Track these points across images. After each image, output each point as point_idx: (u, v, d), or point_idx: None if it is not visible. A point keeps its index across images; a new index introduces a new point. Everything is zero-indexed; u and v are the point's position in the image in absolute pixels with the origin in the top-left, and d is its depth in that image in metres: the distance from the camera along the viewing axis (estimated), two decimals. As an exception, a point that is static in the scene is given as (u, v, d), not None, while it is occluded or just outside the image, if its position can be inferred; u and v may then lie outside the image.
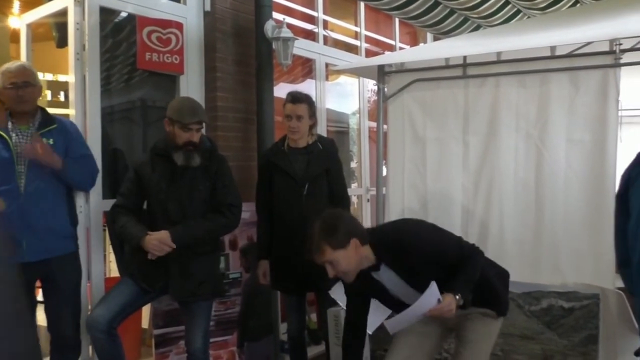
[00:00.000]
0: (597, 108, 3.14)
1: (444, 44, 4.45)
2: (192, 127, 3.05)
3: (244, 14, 4.46)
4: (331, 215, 2.57)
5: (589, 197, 3.13)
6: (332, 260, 2.45)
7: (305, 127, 3.37)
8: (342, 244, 2.45)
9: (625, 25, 3.04)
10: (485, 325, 2.64)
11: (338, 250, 2.44)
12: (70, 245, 3.19)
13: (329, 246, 2.44)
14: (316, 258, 2.48)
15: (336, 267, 2.47)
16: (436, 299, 2.36)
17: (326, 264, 2.47)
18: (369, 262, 2.53)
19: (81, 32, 3.60)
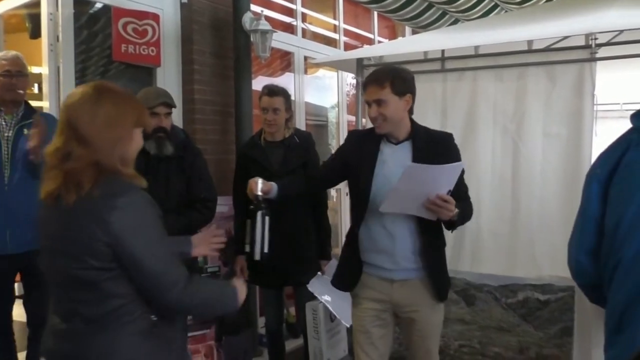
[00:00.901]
0: (573, 102, 3.17)
1: (422, 37, 4.45)
2: (158, 112, 2.99)
3: (222, 5, 4.42)
4: (401, 67, 2.61)
5: (565, 190, 3.16)
6: (383, 100, 2.43)
7: (281, 120, 3.35)
8: (401, 91, 2.46)
9: (600, 19, 3.07)
10: (437, 316, 2.61)
11: (394, 95, 2.44)
12: None
13: (390, 86, 2.44)
14: (372, 88, 2.46)
15: (381, 109, 2.44)
16: (449, 186, 2.29)
17: (373, 101, 2.45)
18: (405, 129, 2.53)
19: (55, 23, 3.54)
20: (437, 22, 6.34)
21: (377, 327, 2.58)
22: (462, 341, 3.34)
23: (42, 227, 1.78)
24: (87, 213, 1.63)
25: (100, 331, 1.69)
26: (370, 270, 2.57)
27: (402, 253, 2.49)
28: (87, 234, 1.63)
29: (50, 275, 1.78)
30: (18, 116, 3.07)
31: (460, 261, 3.45)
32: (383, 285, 2.54)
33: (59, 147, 1.68)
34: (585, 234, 1.80)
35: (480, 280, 3.26)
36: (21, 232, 2.96)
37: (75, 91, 1.74)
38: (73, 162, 1.65)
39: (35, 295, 3.10)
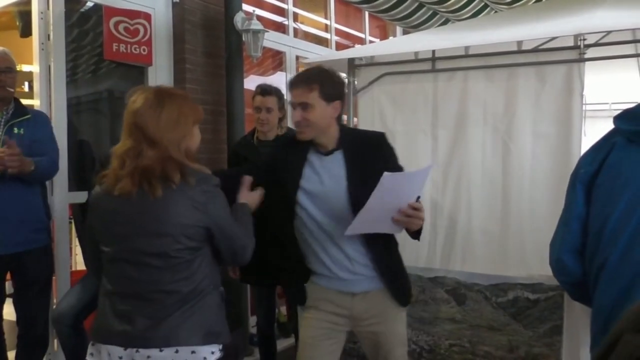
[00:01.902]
0: (562, 102, 3.19)
1: (413, 37, 4.47)
2: None
3: (214, 5, 4.42)
4: (333, 70, 2.39)
5: (554, 189, 3.18)
6: (309, 104, 2.23)
7: (274, 120, 3.37)
8: (330, 97, 2.26)
9: (589, 20, 3.09)
10: (401, 325, 2.50)
11: (322, 100, 2.25)
12: (44, 238, 3.14)
13: (319, 90, 2.24)
14: (298, 90, 2.26)
15: (307, 113, 2.24)
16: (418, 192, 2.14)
17: (298, 104, 2.25)
18: (332, 138, 2.33)
19: (45, 22, 3.53)
20: (427, 22, 6.37)
21: (327, 343, 2.43)
22: (452, 340, 3.36)
23: (117, 218, 1.92)
24: (186, 199, 1.88)
25: (188, 305, 1.91)
26: (327, 284, 2.40)
27: (356, 265, 2.35)
28: (186, 217, 1.88)
29: (129, 259, 1.92)
30: (8, 114, 3.04)
31: (451, 260, 3.47)
32: (343, 299, 2.38)
33: (130, 148, 1.89)
34: (570, 234, 1.82)
35: (470, 279, 3.27)
36: (11, 233, 2.94)
37: (138, 97, 1.93)
38: (146, 159, 1.86)
39: (25, 294, 3.09)
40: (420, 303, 3.43)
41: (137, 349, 1.89)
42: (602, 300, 1.68)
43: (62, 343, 3.03)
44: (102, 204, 1.97)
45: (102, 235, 1.99)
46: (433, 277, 3.41)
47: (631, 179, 1.64)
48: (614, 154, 1.71)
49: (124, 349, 1.90)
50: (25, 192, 2.99)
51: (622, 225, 1.62)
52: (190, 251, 1.92)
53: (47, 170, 3.08)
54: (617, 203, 1.64)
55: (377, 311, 2.40)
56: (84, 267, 3.66)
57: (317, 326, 2.43)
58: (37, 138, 3.06)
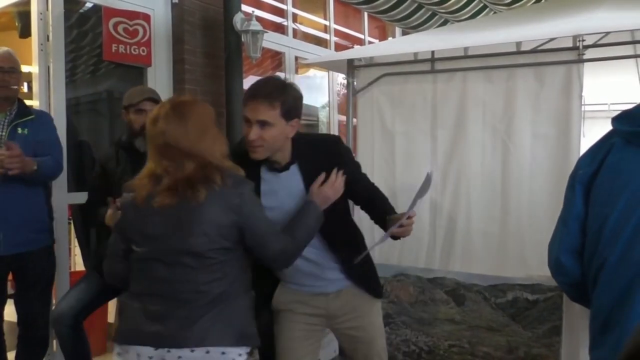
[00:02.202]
0: (561, 103, 3.19)
1: (412, 38, 4.47)
2: (144, 107, 2.99)
3: (213, 6, 4.42)
4: (294, 84, 2.26)
5: (553, 190, 3.18)
6: (269, 122, 2.08)
7: None
8: (291, 115, 2.14)
9: (588, 21, 3.10)
10: (378, 316, 2.51)
11: (281, 118, 2.11)
12: (46, 239, 3.14)
13: (280, 109, 2.10)
14: (257, 105, 2.09)
15: (264, 132, 2.09)
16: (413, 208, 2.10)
17: (256, 122, 2.09)
18: (286, 153, 2.22)
19: (45, 22, 3.53)
20: (426, 23, 6.37)
21: (305, 344, 2.41)
22: (451, 341, 3.36)
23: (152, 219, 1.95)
24: (222, 201, 1.92)
25: (221, 306, 1.95)
26: (300, 288, 2.38)
27: (325, 269, 2.34)
28: (222, 217, 1.92)
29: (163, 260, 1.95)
30: (11, 114, 3.04)
31: (450, 261, 3.47)
32: (318, 300, 2.37)
33: (167, 167, 1.93)
34: (569, 234, 1.82)
35: (469, 280, 3.28)
36: (14, 234, 2.95)
37: (157, 115, 1.97)
38: (187, 171, 1.91)
39: (27, 295, 3.09)
40: (419, 304, 3.43)
41: (168, 349, 1.91)
42: (601, 301, 1.68)
43: (62, 343, 3.03)
44: (134, 207, 1.99)
45: (135, 236, 2.00)
46: (432, 278, 3.41)
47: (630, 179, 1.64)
48: (612, 155, 1.71)
49: (154, 349, 1.92)
50: (28, 192, 2.99)
51: (621, 225, 1.62)
52: (224, 252, 1.96)
53: (51, 170, 3.07)
54: (616, 203, 1.64)
55: (352, 306, 2.40)
56: (83, 268, 3.67)
57: (295, 329, 2.40)
58: (41, 139, 3.06)
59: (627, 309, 1.58)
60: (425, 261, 3.50)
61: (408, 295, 3.47)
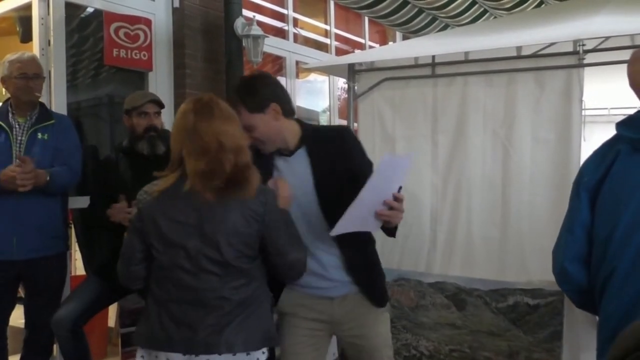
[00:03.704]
0: (561, 108, 3.19)
1: (413, 43, 4.48)
2: (147, 110, 3.01)
3: (214, 10, 4.43)
4: (251, 77, 2.31)
5: (554, 195, 3.19)
6: (249, 125, 2.15)
7: None
8: (259, 107, 2.17)
9: (588, 26, 3.10)
10: (384, 325, 2.44)
11: (255, 114, 2.16)
12: (60, 245, 3.13)
13: (244, 108, 2.16)
14: None
15: (253, 133, 2.15)
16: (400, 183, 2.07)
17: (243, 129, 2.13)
18: (293, 137, 2.25)
19: (46, 27, 3.54)
20: (427, 27, 6.38)
21: (309, 349, 2.37)
22: (452, 346, 3.35)
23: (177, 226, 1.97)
24: (247, 209, 1.96)
25: (248, 311, 2.00)
26: (308, 291, 2.33)
27: (330, 270, 2.30)
28: (246, 226, 1.96)
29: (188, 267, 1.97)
30: (32, 119, 3.02)
31: (451, 265, 3.46)
32: (323, 304, 2.33)
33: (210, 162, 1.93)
34: (574, 242, 1.80)
35: (470, 284, 3.27)
36: (27, 239, 2.94)
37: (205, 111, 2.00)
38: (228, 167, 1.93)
39: (36, 300, 3.08)
40: (420, 308, 3.43)
41: (197, 355, 1.94)
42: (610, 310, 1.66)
43: (62, 347, 3.03)
44: (159, 211, 2.00)
45: (159, 243, 2.00)
46: (433, 283, 3.41)
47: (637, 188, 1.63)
48: (619, 163, 1.70)
49: (183, 354, 1.95)
50: (44, 197, 2.97)
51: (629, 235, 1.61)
52: (249, 259, 2.01)
53: (65, 180, 3.04)
54: (624, 212, 1.63)
55: (358, 314, 2.34)
56: (84, 272, 3.66)
57: (299, 334, 2.36)
58: (61, 147, 3.04)
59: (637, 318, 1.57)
60: (426, 265, 3.50)
61: (409, 300, 3.47)
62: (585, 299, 1.82)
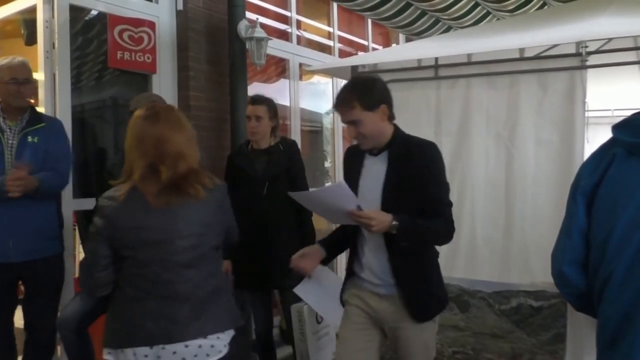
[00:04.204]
0: (564, 109, 3.19)
1: (416, 45, 4.48)
2: None
3: (217, 13, 4.44)
4: (367, 77, 2.54)
5: (557, 196, 3.18)
6: (357, 120, 2.36)
7: (264, 128, 3.41)
8: (371, 106, 2.36)
9: (591, 27, 3.10)
10: (423, 334, 2.46)
11: (366, 112, 2.35)
12: (57, 246, 3.15)
13: (359, 104, 2.35)
14: (341, 110, 2.39)
15: (359, 128, 2.37)
16: (351, 204, 2.26)
17: (348, 122, 2.40)
18: (385, 139, 2.44)
19: (50, 30, 3.55)
20: (430, 29, 6.38)
21: (360, 340, 2.49)
22: (455, 347, 3.36)
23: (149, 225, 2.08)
24: (212, 200, 2.15)
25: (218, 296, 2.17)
26: (363, 284, 2.51)
27: (379, 269, 2.44)
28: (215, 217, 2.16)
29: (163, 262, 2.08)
30: (22, 122, 3.04)
31: (455, 267, 3.47)
32: (373, 299, 2.48)
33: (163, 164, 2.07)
34: (572, 246, 1.79)
35: (474, 286, 3.28)
36: (24, 241, 2.96)
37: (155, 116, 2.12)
38: (181, 170, 2.08)
39: (35, 301, 3.10)
40: (423, 310, 3.42)
41: (163, 346, 2.04)
42: (608, 314, 1.66)
43: (67, 349, 3.04)
44: (128, 215, 2.07)
45: (132, 243, 2.08)
46: (436, 284, 3.40)
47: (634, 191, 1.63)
48: (615, 166, 1.70)
49: (150, 347, 2.04)
50: (40, 201, 3.00)
51: (627, 238, 1.61)
52: (216, 248, 2.21)
53: (54, 185, 3.06)
54: (620, 216, 1.63)
55: (401, 316, 2.42)
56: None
57: (352, 321, 2.52)
58: (51, 150, 3.06)
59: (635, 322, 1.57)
60: (429, 267, 3.50)
61: (412, 302, 3.46)
62: (584, 302, 1.82)
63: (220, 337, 2.14)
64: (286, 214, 3.41)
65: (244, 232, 3.39)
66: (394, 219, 2.25)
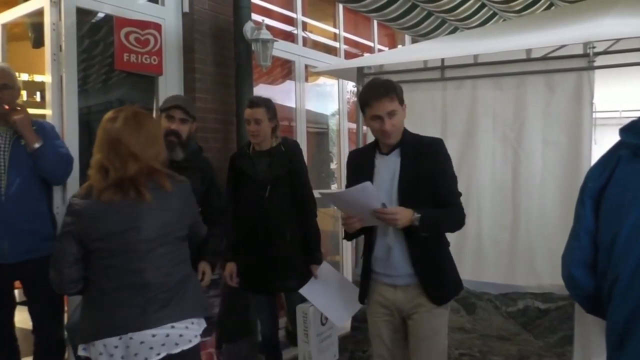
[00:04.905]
0: (572, 110, 3.18)
1: (422, 46, 4.48)
2: (173, 114, 3.12)
3: (223, 15, 4.45)
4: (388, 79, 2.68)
5: (564, 198, 3.18)
6: (395, 111, 2.50)
7: (264, 130, 3.39)
8: (402, 101, 2.55)
9: (598, 28, 3.09)
10: (437, 320, 2.62)
11: (399, 105, 2.53)
12: (51, 247, 3.15)
13: (397, 97, 2.51)
14: (383, 101, 2.49)
15: (393, 120, 2.50)
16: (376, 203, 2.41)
17: (387, 114, 2.49)
18: (400, 136, 2.59)
19: (57, 33, 3.56)
20: (436, 31, 6.37)
21: (388, 330, 2.67)
22: (462, 350, 3.35)
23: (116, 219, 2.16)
24: (182, 194, 2.28)
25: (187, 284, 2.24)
26: (379, 278, 2.65)
27: (397, 261, 2.57)
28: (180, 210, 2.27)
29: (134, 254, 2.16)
30: None
31: (461, 269, 3.43)
32: (388, 291, 2.63)
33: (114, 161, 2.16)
34: (580, 248, 1.80)
35: (480, 288, 3.26)
36: (19, 242, 2.97)
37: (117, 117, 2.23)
38: (130, 171, 2.16)
39: (36, 302, 3.11)
40: (430, 312, 3.41)
41: (131, 335, 2.09)
42: (616, 314, 1.66)
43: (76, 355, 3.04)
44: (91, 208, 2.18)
45: (98, 235, 2.16)
46: (443, 286, 3.39)
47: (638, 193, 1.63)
48: (620, 168, 1.70)
49: (119, 337, 2.09)
50: (31, 202, 3.02)
51: (633, 240, 1.60)
52: (182, 239, 2.29)
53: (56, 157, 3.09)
54: (626, 218, 1.63)
55: (417, 303, 2.58)
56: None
57: (376, 318, 2.68)
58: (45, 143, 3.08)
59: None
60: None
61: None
62: (594, 304, 1.82)
63: (190, 327, 2.19)
64: (288, 216, 3.42)
65: (246, 234, 3.42)
66: (414, 212, 2.41)
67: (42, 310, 3.10)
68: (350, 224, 2.52)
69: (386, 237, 2.57)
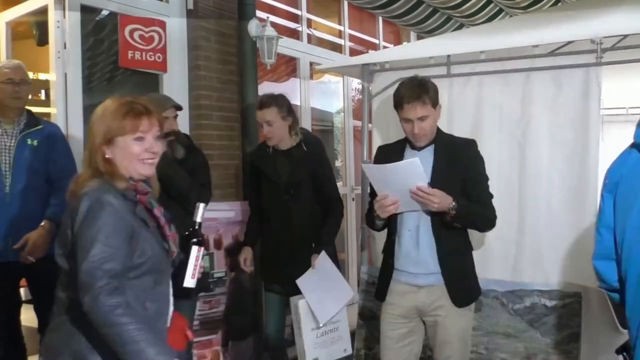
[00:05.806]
0: (579, 107, 3.15)
1: (427, 42, 4.46)
2: (168, 115, 3.09)
3: (227, 12, 4.44)
4: (423, 77, 2.67)
5: (571, 195, 3.15)
6: (427, 116, 2.51)
7: (279, 131, 3.23)
8: (436, 103, 2.55)
9: (606, 24, 3.06)
10: (461, 321, 2.63)
11: (432, 108, 2.53)
12: None
13: (429, 100, 2.51)
14: (415, 105, 2.49)
15: (424, 124, 2.52)
16: (422, 180, 2.42)
17: (417, 119, 2.50)
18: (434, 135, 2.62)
19: (62, 31, 3.57)
20: (442, 27, 6.35)
21: (402, 334, 2.65)
22: (468, 347, 3.34)
23: None
24: None
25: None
26: (400, 277, 2.64)
27: (424, 258, 2.57)
28: None
29: None
30: (20, 125, 3.08)
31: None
32: (410, 291, 2.61)
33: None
34: (601, 242, 1.86)
35: (487, 285, 3.24)
36: None
37: None
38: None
39: (42, 301, 3.11)
40: (436, 310, 3.40)
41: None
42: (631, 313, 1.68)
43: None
44: None
45: None
46: (449, 284, 3.38)
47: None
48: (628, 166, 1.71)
49: None
50: (35, 201, 3.03)
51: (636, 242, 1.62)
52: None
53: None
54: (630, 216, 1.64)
55: (439, 304, 2.58)
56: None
57: (390, 320, 2.66)
58: (56, 158, 3.09)
59: None
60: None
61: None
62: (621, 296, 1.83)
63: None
64: (311, 219, 3.30)
65: (269, 237, 3.37)
66: (454, 201, 2.43)
67: (48, 309, 3.10)
68: (386, 207, 2.47)
69: (414, 232, 2.57)
